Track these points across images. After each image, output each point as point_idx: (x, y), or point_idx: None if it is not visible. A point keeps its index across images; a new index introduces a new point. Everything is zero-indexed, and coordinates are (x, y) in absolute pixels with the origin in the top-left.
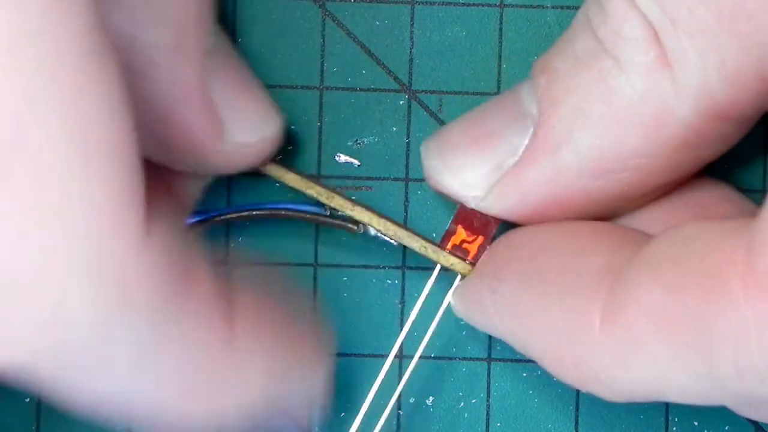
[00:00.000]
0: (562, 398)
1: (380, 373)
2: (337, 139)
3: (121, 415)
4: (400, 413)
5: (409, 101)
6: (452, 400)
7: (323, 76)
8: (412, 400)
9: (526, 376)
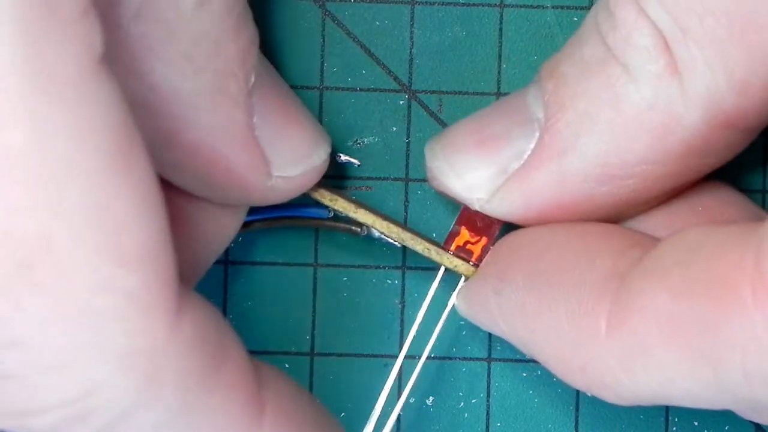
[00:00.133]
0: (562, 398)
1: (389, 377)
2: (337, 139)
3: None
4: (400, 413)
5: (409, 101)
6: (452, 400)
7: (323, 76)
8: (412, 400)
9: (526, 376)
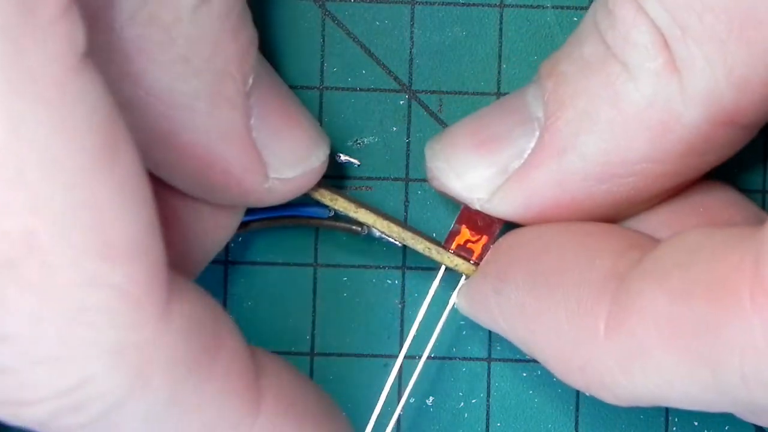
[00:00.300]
0: (562, 398)
1: (389, 377)
2: (337, 139)
3: None
4: (400, 413)
5: (409, 101)
6: (452, 400)
7: (323, 76)
8: (412, 400)
9: (526, 376)
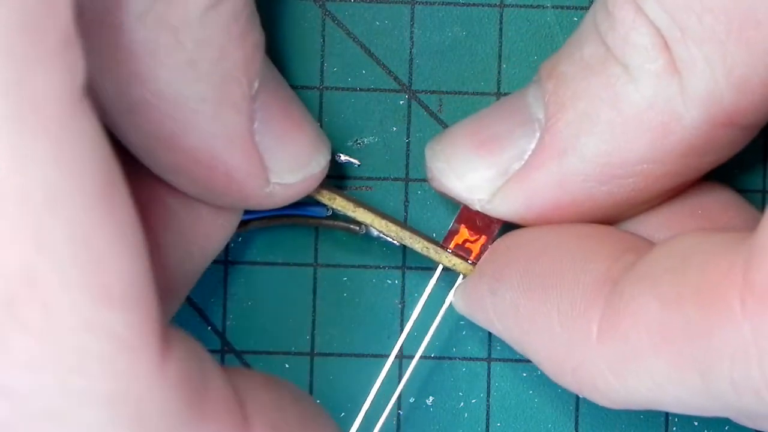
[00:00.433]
0: (562, 398)
1: (381, 373)
2: (337, 139)
3: None
4: (400, 413)
5: (409, 101)
6: (452, 400)
7: (323, 76)
8: (412, 400)
9: (526, 376)
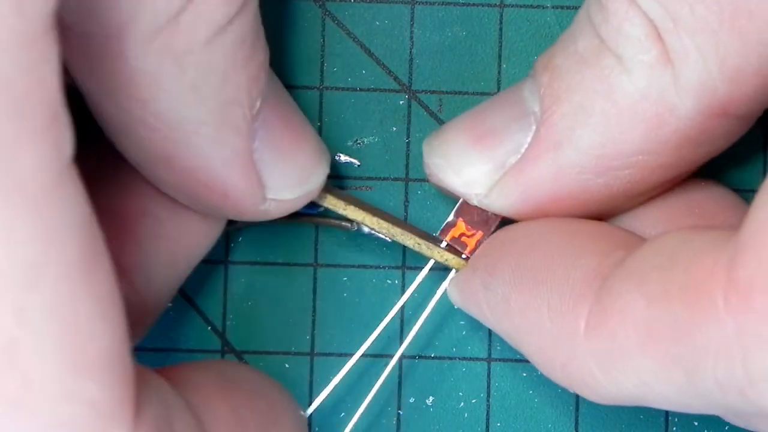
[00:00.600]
0: (562, 398)
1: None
2: (337, 139)
3: None
4: (400, 413)
5: (409, 101)
6: (452, 400)
7: (323, 76)
8: (412, 400)
9: (526, 376)
